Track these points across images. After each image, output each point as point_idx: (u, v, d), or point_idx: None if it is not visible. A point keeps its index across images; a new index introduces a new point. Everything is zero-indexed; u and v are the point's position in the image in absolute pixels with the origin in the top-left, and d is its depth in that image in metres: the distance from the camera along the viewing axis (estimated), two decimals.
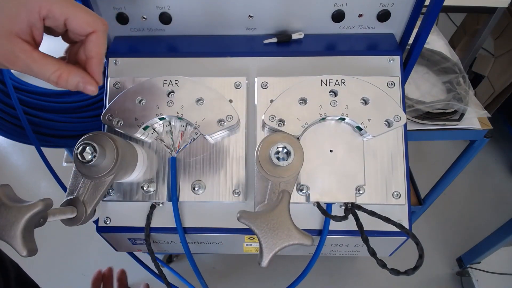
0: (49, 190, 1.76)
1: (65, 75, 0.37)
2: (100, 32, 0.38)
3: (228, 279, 1.50)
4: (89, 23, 0.37)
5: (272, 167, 0.45)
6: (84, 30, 0.37)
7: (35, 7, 0.34)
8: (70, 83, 0.38)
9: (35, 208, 0.35)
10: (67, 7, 0.36)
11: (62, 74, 0.37)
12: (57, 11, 0.35)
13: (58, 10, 0.35)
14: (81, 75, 0.39)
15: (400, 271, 0.48)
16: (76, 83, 0.38)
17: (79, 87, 0.39)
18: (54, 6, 0.35)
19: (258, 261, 0.42)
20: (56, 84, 0.37)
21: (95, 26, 0.37)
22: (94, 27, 0.37)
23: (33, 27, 0.35)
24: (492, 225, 1.34)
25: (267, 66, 0.57)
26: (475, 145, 0.94)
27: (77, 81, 0.38)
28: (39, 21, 0.35)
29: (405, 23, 0.58)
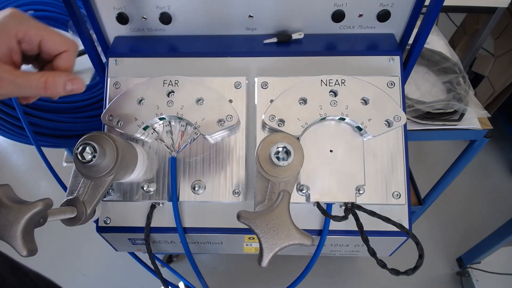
0: (49, 190, 1.76)
1: (51, 78, 0.39)
2: (71, 51, 0.41)
3: (228, 279, 1.50)
4: (62, 43, 0.40)
5: (272, 167, 0.45)
6: (57, 49, 0.40)
7: (12, 31, 0.37)
8: (58, 84, 0.39)
9: (35, 208, 0.35)
10: (41, 29, 0.39)
11: (48, 78, 0.38)
12: (33, 33, 0.38)
13: (34, 32, 0.38)
14: (65, 74, 0.40)
15: (400, 271, 0.48)
16: (64, 82, 0.39)
17: (68, 87, 0.40)
18: (30, 29, 0.38)
19: (258, 261, 0.42)
20: (45, 90, 0.38)
21: (67, 45, 0.40)
22: (67, 47, 0.40)
23: (11, 50, 0.38)
24: (492, 225, 1.33)
25: (267, 66, 0.57)
26: (475, 145, 0.94)
27: (64, 80, 0.39)
28: (16, 45, 0.38)
29: (405, 23, 0.58)
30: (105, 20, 0.59)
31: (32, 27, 0.38)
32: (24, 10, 0.87)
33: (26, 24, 0.38)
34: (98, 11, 0.57)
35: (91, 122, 0.92)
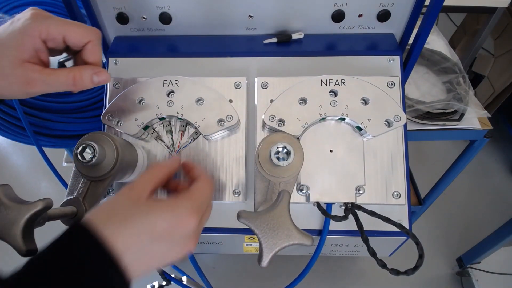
0: (49, 190, 1.76)
1: (78, 73, 0.41)
2: (95, 40, 0.42)
3: (228, 279, 1.50)
4: (84, 34, 0.41)
5: (272, 167, 0.45)
6: (81, 42, 0.41)
7: (35, 32, 0.38)
8: (85, 78, 0.41)
9: (35, 208, 0.35)
10: (62, 25, 0.40)
11: (75, 74, 0.41)
12: (54, 31, 0.39)
13: (55, 29, 0.39)
14: (91, 67, 0.42)
15: (400, 271, 0.48)
16: (90, 76, 0.41)
17: (94, 79, 0.42)
18: (51, 27, 0.39)
19: (258, 261, 0.42)
20: (74, 85, 0.41)
21: (90, 36, 0.41)
22: (89, 37, 0.41)
23: (38, 51, 0.39)
24: (492, 225, 1.33)
25: (267, 66, 0.57)
26: (475, 145, 0.94)
27: (91, 74, 0.41)
28: (41, 44, 0.39)
29: (405, 23, 0.58)
30: (105, 20, 0.59)
31: (52, 25, 0.39)
32: None
33: (46, 22, 0.39)
34: (98, 11, 0.57)
35: (91, 122, 0.92)
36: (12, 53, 0.38)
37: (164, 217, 0.33)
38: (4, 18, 0.81)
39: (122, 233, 0.31)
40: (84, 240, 0.30)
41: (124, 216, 0.32)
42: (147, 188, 0.36)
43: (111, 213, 0.33)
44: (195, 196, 0.37)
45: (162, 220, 0.33)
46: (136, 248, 0.31)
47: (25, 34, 0.38)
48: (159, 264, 0.35)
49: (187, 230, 0.34)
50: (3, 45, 0.38)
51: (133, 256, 0.31)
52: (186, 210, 0.35)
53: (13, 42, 0.38)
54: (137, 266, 0.32)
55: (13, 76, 0.39)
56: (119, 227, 0.31)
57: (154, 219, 0.33)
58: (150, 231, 0.32)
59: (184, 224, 0.34)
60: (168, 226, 0.33)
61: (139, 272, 0.32)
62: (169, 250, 0.35)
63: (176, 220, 0.34)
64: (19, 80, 0.39)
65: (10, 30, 0.39)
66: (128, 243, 0.31)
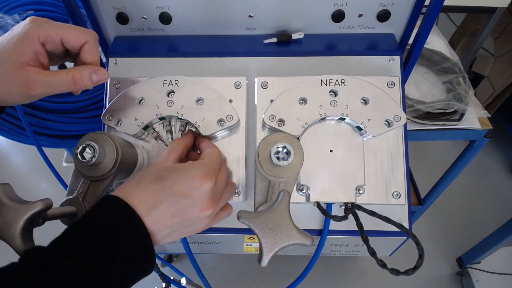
0: (49, 190, 1.76)
1: (77, 73, 0.42)
2: (92, 41, 0.43)
3: (228, 279, 1.50)
4: (80, 35, 0.42)
5: (272, 167, 0.45)
6: (77, 42, 0.43)
7: (34, 35, 0.40)
8: (84, 78, 0.42)
9: (35, 209, 0.35)
10: (59, 28, 0.41)
11: (74, 74, 0.42)
12: (52, 33, 0.41)
13: (53, 32, 0.41)
14: (89, 67, 0.43)
15: (400, 271, 0.48)
16: (89, 74, 0.43)
17: (93, 78, 0.43)
18: (49, 30, 0.41)
19: (258, 261, 0.42)
20: (74, 85, 0.42)
21: (86, 37, 0.43)
22: (85, 38, 0.43)
23: (38, 53, 0.41)
24: (492, 225, 1.33)
25: (267, 66, 0.57)
26: (475, 145, 0.94)
27: (89, 73, 0.43)
28: (41, 47, 0.41)
29: (405, 23, 0.58)
30: (105, 20, 0.59)
31: (50, 28, 0.41)
32: (24, 10, 0.87)
33: (45, 26, 0.40)
34: (98, 11, 0.57)
35: (91, 122, 0.92)
36: (13, 57, 0.39)
37: (181, 179, 0.39)
38: (4, 18, 0.81)
39: (144, 197, 0.37)
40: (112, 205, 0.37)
41: (148, 181, 0.39)
42: (170, 158, 0.43)
43: (138, 181, 0.39)
44: (205, 161, 0.42)
45: (179, 182, 0.39)
46: (157, 209, 0.37)
47: (24, 38, 0.39)
48: (180, 227, 0.40)
49: (203, 190, 0.39)
50: (3, 51, 0.39)
51: (157, 215, 0.37)
52: (200, 172, 0.40)
53: (13, 46, 0.39)
54: (160, 226, 0.38)
55: (14, 79, 0.39)
56: (140, 193, 0.38)
57: (172, 182, 0.39)
58: (169, 192, 0.38)
59: (199, 184, 0.39)
60: (184, 186, 0.39)
61: (161, 235, 0.38)
62: (189, 211, 0.39)
63: (192, 181, 0.39)
64: (20, 83, 0.40)
65: (9, 36, 0.40)
66: (149, 206, 0.37)
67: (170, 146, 0.45)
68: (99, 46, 0.45)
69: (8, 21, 0.81)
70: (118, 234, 0.35)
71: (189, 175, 0.39)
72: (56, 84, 0.41)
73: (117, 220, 0.35)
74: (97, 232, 0.34)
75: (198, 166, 0.41)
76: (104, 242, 0.34)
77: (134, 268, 0.36)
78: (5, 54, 0.39)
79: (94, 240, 0.33)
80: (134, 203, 0.36)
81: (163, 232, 0.38)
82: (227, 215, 0.47)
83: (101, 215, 0.35)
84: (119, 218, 0.36)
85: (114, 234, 0.34)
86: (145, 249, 0.36)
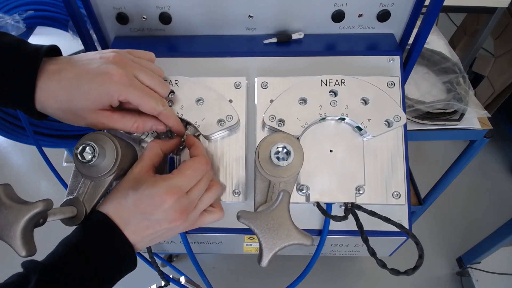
0: (49, 190, 1.76)
1: (141, 124, 0.46)
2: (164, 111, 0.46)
3: (228, 279, 1.50)
4: (154, 108, 0.44)
5: (272, 167, 0.45)
6: (151, 113, 0.45)
7: (114, 94, 0.41)
8: (146, 128, 0.47)
9: (35, 209, 0.35)
10: (139, 96, 0.43)
11: (139, 125, 0.45)
12: (132, 99, 0.43)
13: (133, 98, 0.43)
14: (153, 121, 0.46)
15: (400, 271, 0.48)
16: (150, 127, 0.47)
17: (153, 128, 0.47)
18: (130, 96, 0.42)
19: (258, 261, 0.42)
20: (135, 132, 0.46)
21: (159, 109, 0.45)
22: (158, 110, 0.45)
23: (111, 103, 0.43)
24: (492, 225, 1.33)
25: (267, 66, 0.57)
26: (475, 145, 0.94)
27: (151, 126, 0.47)
28: (116, 102, 0.43)
29: (405, 23, 0.58)
30: (105, 20, 0.59)
31: (131, 95, 0.42)
32: (24, 10, 0.87)
33: (127, 90, 0.42)
34: (98, 11, 0.57)
35: None
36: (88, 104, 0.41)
37: (144, 197, 0.41)
38: (4, 18, 0.81)
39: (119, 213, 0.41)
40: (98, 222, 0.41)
41: (120, 197, 0.42)
42: (142, 168, 0.44)
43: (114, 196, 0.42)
44: (173, 176, 0.43)
45: (143, 200, 0.41)
46: (130, 224, 0.41)
47: (104, 94, 0.41)
48: (157, 235, 0.43)
49: (166, 207, 0.41)
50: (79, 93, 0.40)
51: (132, 228, 0.41)
52: (161, 189, 0.41)
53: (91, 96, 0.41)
54: (138, 237, 0.41)
55: (83, 118, 0.43)
56: (115, 209, 0.41)
57: (138, 199, 0.41)
58: (136, 210, 0.41)
59: (161, 202, 0.40)
60: (148, 205, 0.41)
61: (143, 242, 0.42)
62: (159, 224, 0.42)
63: (153, 199, 0.40)
64: (88, 122, 0.43)
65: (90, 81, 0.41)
66: (124, 221, 0.41)
67: (144, 153, 0.46)
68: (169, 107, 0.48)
69: (8, 21, 0.81)
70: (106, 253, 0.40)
71: (151, 193, 0.41)
72: (121, 129, 0.45)
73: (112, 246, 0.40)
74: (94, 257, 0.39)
75: (160, 183, 0.41)
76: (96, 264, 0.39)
77: (120, 275, 0.42)
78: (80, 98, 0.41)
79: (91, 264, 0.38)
80: (114, 217, 0.41)
81: (143, 241, 0.42)
82: (217, 219, 0.48)
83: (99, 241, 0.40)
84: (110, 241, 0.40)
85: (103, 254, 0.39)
86: (129, 256, 0.41)
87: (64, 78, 0.40)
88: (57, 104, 0.41)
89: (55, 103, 0.41)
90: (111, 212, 0.41)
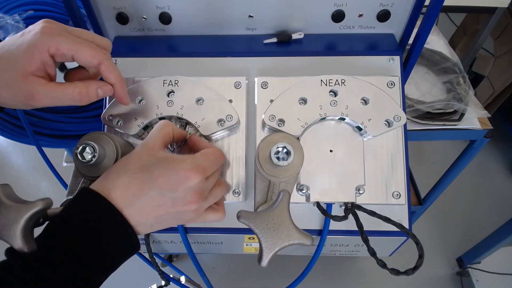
0: (49, 190, 1.76)
1: (84, 89, 0.41)
2: (106, 61, 0.41)
3: (228, 279, 1.50)
4: (93, 55, 0.40)
5: (272, 167, 0.45)
6: (90, 63, 0.41)
7: (44, 46, 0.38)
8: (91, 94, 0.42)
9: (35, 208, 0.35)
10: (72, 44, 0.39)
11: (81, 90, 0.41)
12: (64, 48, 0.39)
13: (65, 47, 0.39)
14: (95, 83, 0.42)
15: (400, 271, 0.48)
16: (95, 90, 0.42)
17: (99, 93, 0.42)
18: (61, 44, 0.38)
19: (258, 261, 0.42)
20: (80, 101, 0.41)
21: (100, 57, 0.40)
22: (99, 59, 0.40)
23: (45, 64, 0.39)
24: (492, 225, 1.33)
25: (267, 66, 0.57)
26: (475, 145, 0.94)
27: (95, 89, 0.42)
28: (49, 59, 0.39)
29: (405, 23, 0.58)
30: (105, 20, 0.59)
31: (63, 43, 0.39)
32: (24, 10, 0.87)
33: (57, 40, 0.38)
34: (98, 11, 0.57)
35: (91, 122, 0.92)
36: (19, 65, 0.38)
37: (168, 171, 0.37)
38: (4, 18, 0.81)
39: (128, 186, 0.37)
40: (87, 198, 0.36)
41: (134, 169, 0.38)
42: (157, 144, 0.40)
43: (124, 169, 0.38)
44: (197, 156, 0.40)
45: (166, 174, 0.37)
46: (141, 199, 0.36)
47: (33, 48, 0.38)
48: (164, 218, 0.39)
49: (188, 186, 0.37)
50: (10, 56, 0.38)
51: (141, 205, 0.36)
52: (187, 165, 0.38)
53: (21, 54, 0.38)
54: (143, 216, 0.37)
55: (18, 88, 0.39)
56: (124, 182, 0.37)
57: (158, 172, 0.37)
58: (154, 183, 0.37)
59: (185, 179, 0.37)
60: (170, 179, 0.37)
61: (145, 225, 0.38)
62: (173, 204, 0.38)
63: (177, 174, 0.37)
64: (24, 93, 0.39)
65: (19, 42, 0.38)
66: (133, 195, 0.36)
67: (158, 129, 0.42)
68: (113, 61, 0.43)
69: (8, 21, 0.81)
70: (100, 232, 0.35)
71: (176, 168, 0.38)
72: (60, 98, 0.40)
73: (97, 220, 0.35)
74: (77, 233, 0.34)
75: (187, 159, 0.39)
76: (87, 244, 0.34)
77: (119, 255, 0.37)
78: (11, 60, 0.38)
79: (75, 243, 0.34)
80: (116, 193, 0.36)
81: (147, 222, 0.38)
82: (218, 219, 0.45)
83: (80, 215, 0.35)
84: (98, 217, 0.35)
85: (95, 233, 0.35)
86: (129, 239, 0.37)
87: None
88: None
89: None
90: (115, 185, 0.37)
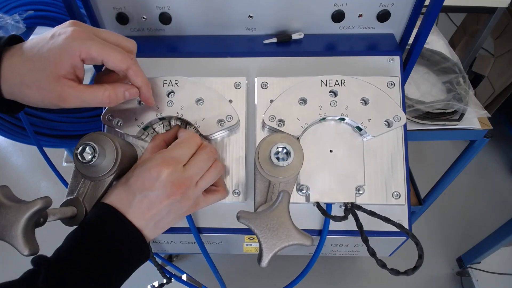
0: (49, 190, 1.76)
1: (113, 92, 0.43)
2: (133, 66, 0.43)
3: (228, 279, 1.50)
4: (121, 61, 0.42)
5: (272, 167, 0.45)
6: (119, 68, 0.43)
7: (75, 51, 0.39)
8: (119, 96, 0.44)
9: (35, 207, 0.35)
10: (102, 49, 0.41)
11: (110, 93, 0.43)
12: (94, 53, 0.40)
13: (95, 53, 0.40)
14: (123, 86, 0.44)
15: (400, 271, 0.48)
16: (123, 93, 0.44)
17: (126, 96, 0.45)
18: (91, 49, 0.40)
19: (258, 261, 0.42)
20: (109, 103, 0.43)
21: (127, 62, 0.43)
22: (127, 64, 0.43)
23: (75, 68, 0.41)
24: (492, 225, 1.33)
25: (267, 66, 0.57)
26: (475, 145, 0.94)
27: (123, 91, 0.44)
28: (80, 63, 0.41)
29: (405, 23, 0.58)
30: (105, 20, 0.59)
31: (93, 48, 0.40)
32: (24, 10, 0.87)
33: (88, 44, 0.40)
34: (98, 11, 0.57)
35: (91, 122, 0.92)
36: (50, 68, 0.39)
37: (141, 173, 0.41)
38: (4, 18, 0.81)
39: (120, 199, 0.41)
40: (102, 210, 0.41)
41: (120, 183, 0.42)
42: (146, 154, 0.47)
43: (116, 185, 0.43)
44: (166, 149, 0.43)
45: (140, 176, 0.41)
46: (132, 207, 0.40)
47: (65, 52, 0.39)
48: (160, 216, 0.42)
49: (162, 179, 0.40)
50: (41, 59, 0.39)
51: (135, 212, 0.40)
52: (156, 161, 0.41)
53: (52, 58, 0.39)
54: (142, 220, 0.40)
55: (49, 90, 0.40)
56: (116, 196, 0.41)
57: (135, 178, 0.41)
58: (135, 189, 0.41)
59: (157, 174, 0.40)
60: (146, 180, 0.40)
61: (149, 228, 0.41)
62: (158, 201, 0.41)
63: (149, 173, 0.41)
64: (54, 95, 0.40)
65: (50, 45, 0.40)
66: (125, 206, 0.40)
67: (148, 145, 0.48)
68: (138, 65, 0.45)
69: (8, 21, 0.81)
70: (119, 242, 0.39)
71: (146, 167, 0.41)
72: (90, 100, 0.42)
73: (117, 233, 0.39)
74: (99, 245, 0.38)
75: (156, 156, 0.42)
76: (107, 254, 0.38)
77: (132, 264, 0.41)
78: (42, 62, 0.39)
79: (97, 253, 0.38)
80: (115, 206, 0.40)
81: (148, 225, 0.41)
82: (220, 198, 0.49)
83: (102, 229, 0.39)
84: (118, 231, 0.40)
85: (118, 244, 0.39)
86: (137, 241, 0.40)
87: (25, 51, 0.40)
88: (21, 78, 0.40)
89: (19, 77, 0.40)
90: (113, 200, 0.41)
